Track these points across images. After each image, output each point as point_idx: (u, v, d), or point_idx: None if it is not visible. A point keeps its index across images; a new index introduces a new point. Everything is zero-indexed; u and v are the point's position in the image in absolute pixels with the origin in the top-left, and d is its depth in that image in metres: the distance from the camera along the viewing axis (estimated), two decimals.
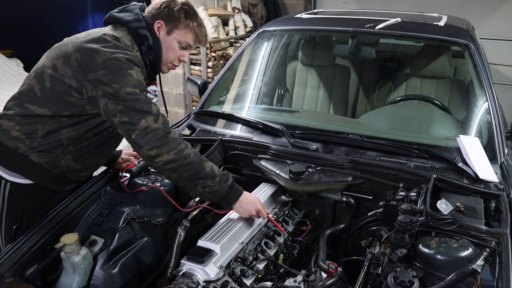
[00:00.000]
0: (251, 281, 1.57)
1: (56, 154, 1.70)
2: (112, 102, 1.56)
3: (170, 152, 1.59)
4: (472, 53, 2.41)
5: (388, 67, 3.06)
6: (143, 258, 1.78)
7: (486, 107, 2.18)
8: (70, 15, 6.93)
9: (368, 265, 1.54)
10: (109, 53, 1.57)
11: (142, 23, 1.71)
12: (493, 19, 5.39)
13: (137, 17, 1.72)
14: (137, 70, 1.61)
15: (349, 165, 1.94)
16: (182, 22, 1.75)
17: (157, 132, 1.58)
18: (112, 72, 1.56)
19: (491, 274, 1.40)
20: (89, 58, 1.58)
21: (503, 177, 1.84)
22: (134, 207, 1.84)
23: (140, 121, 1.56)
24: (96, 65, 1.56)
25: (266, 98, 2.88)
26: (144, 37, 1.71)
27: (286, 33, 3.07)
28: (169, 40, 1.76)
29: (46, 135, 1.67)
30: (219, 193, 1.68)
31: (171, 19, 1.74)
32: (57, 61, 1.64)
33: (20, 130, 1.66)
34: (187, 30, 1.77)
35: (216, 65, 5.01)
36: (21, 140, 1.66)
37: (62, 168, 1.73)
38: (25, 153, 1.67)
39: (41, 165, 1.69)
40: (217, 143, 2.13)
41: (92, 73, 1.56)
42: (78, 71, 1.59)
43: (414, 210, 1.60)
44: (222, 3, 5.58)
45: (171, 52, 1.78)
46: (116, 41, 1.64)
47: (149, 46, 1.73)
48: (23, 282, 1.49)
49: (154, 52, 1.74)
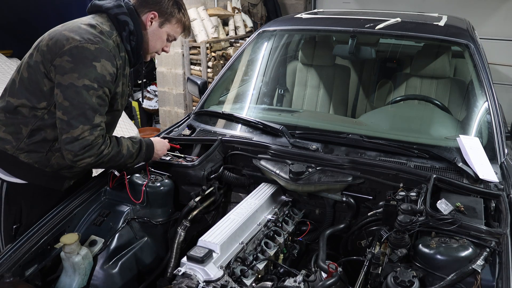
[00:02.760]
0: (251, 281, 1.57)
1: (44, 152, 1.71)
2: (61, 95, 1.58)
3: (91, 157, 1.62)
4: (472, 53, 2.41)
5: (388, 67, 3.06)
6: (143, 258, 1.78)
7: (486, 107, 2.18)
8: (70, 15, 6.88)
9: (368, 265, 1.54)
10: (78, 41, 1.59)
11: (122, 9, 1.72)
12: (493, 19, 5.39)
13: (117, 3, 1.73)
14: (104, 62, 1.61)
15: (349, 165, 1.94)
16: (175, 17, 1.79)
17: (85, 141, 1.59)
18: (76, 60, 1.57)
19: (491, 274, 1.41)
20: (59, 43, 1.60)
21: (503, 177, 1.84)
22: (134, 207, 1.84)
23: (76, 127, 1.57)
24: (63, 51, 1.58)
25: (266, 98, 2.88)
26: (124, 23, 1.72)
27: (286, 33, 3.07)
28: (160, 32, 1.80)
29: (31, 135, 1.69)
30: (140, 161, 1.85)
31: (165, 13, 1.77)
32: (33, 50, 1.69)
33: (6, 130, 1.69)
34: (178, 25, 1.82)
35: (216, 65, 5.01)
36: (8, 141, 1.69)
37: (53, 166, 1.75)
38: (13, 154, 1.69)
39: (31, 165, 1.71)
40: (217, 143, 2.13)
41: (58, 58, 1.59)
42: (46, 56, 1.62)
43: (414, 210, 1.60)
44: (222, 3, 5.58)
45: (159, 43, 1.83)
46: (90, 28, 1.65)
47: (130, 32, 1.73)
48: (23, 282, 1.49)
49: (136, 37, 1.75)
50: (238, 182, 2.13)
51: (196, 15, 5.03)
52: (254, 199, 1.90)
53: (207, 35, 5.11)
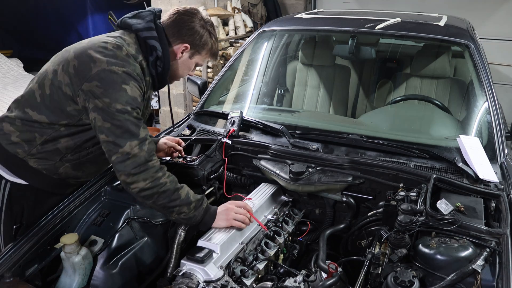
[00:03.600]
0: (251, 281, 1.57)
1: (54, 161, 1.70)
2: (100, 118, 1.52)
3: (146, 180, 1.54)
4: (472, 53, 2.41)
5: (388, 67, 3.06)
6: (143, 258, 1.78)
7: (486, 107, 2.18)
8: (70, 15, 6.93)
9: (368, 265, 1.54)
10: (106, 63, 1.53)
11: (152, 33, 1.66)
12: (493, 19, 5.39)
13: (148, 26, 1.67)
14: (132, 85, 1.56)
15: (349, 165, 1.94)
16: (205, 48, 1.76)
17: (138, 159, 1.53)
18: (106, 85, 1.52)
19: (491, 274, 1.41)
20: (85, 66, 1.55)
21: (503, 177, 1.84)
22: (134, 207, 1.84)
23: (124, 144, 1.51)
24: (91, 75, 1.53)
25: (266, 98, 2.88)
26: (153, 48, 1.66)
27: (286, 33, 3.07)
28: (189, 62, 1.78)
29: (45, 143, 1.66)
30: (194, 218, 1.65)
31: (197, 45, 1.74)
32: (58, 66, 1.62)
33: (20, 136, 1.66)
34: (208, 55, 1.80)
35: (216, 65, 5.01)
36: (21, 145, 1.67)
37: (61, 174, 1.74)
38: (24, 158, 1.68)
39: (39, 171, 1.70)
40: (217, 143, 2.13)
41: (87, 83, 1.53)
42: (73, 79, 1.57)
43: (414, 210, 1.60)
44: (222, 3, 5.58)
45: (186, 71, 1.82)
46: (117, 49, 1.59)
47: (157, 57, 1.68)
48: (23, 282, 1.49)
49: (163, 63, 1.70)
50: (238, 182, 2.13)
51: None
52: (254, 199, 1.90)
53: None
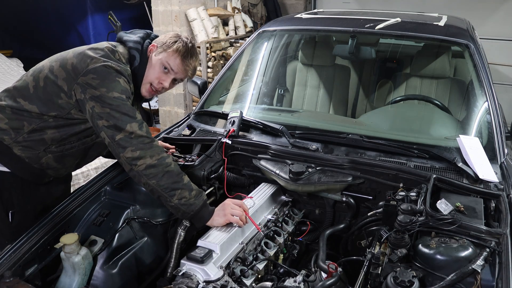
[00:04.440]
0: (251, 281, 1.57)
1: (38, 151, 1.76)
2: (99, 105, 1.63)
3: (153, 157, 1.62)
4: (472, 53, 2.41)
5: (388, 67, 3.06)
6: (143, 258, 1.79)
7: (486, 107, 2.18)
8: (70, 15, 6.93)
9: (368, 265, 1.54)
10: (101, 60, 1.68)
11: (137, 45, 1.84)
12: (493, 19, 5.39)
13: (136, 39, 1.85)
14: (124, 80, 1.70)
15: (349, 165, 1.94)
16: (171, 47, 1.82)
17: (142, 138, 1.64)
18: (101, 77, 1.64)
19: (491, 274, 1.41)
20: (82, 63, 1.68)
21: (503, 177, 1.84)
22: (134, 207, 1.84)
23: (126, 125, 1.62)
24: (87, 69, 1.65)
25: (266, 98, 2.88)
26: (133, 57, 1.81)
27: (286, 33, 3.07)
28: (153, 60, 1.83)
29: (32, 132, 1.73)
30: (194, 206, 1.66)
31: (165, 43, 1.83)
32: (55, 63, 1.74)
33: (9, 123, 1.73)
34: (175, 55, 1.82)
35: (216, 65, 5.01)
36: (8, 132, 1.73)
37: (42, 164, 1.80)
38: (9, 145, 1.73)
39: (22, 158, 1.75)
40: (217, 143, 2.13)
41: (83, 76, 1.65)
42: (70, 74, 1.68)
43: (414, 210, 1.60)
44: (222, 3, 5.58)
45: (152, 71, 1.84)
46: (111, 53, 1.74)
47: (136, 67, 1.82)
48: (23, 282, 1.49)
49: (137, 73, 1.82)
50: (238, 182, 2.13)
51: (196, 15, 5.04)
52: (254, 199, 1.90)
53: (207, 35, 5.11)
